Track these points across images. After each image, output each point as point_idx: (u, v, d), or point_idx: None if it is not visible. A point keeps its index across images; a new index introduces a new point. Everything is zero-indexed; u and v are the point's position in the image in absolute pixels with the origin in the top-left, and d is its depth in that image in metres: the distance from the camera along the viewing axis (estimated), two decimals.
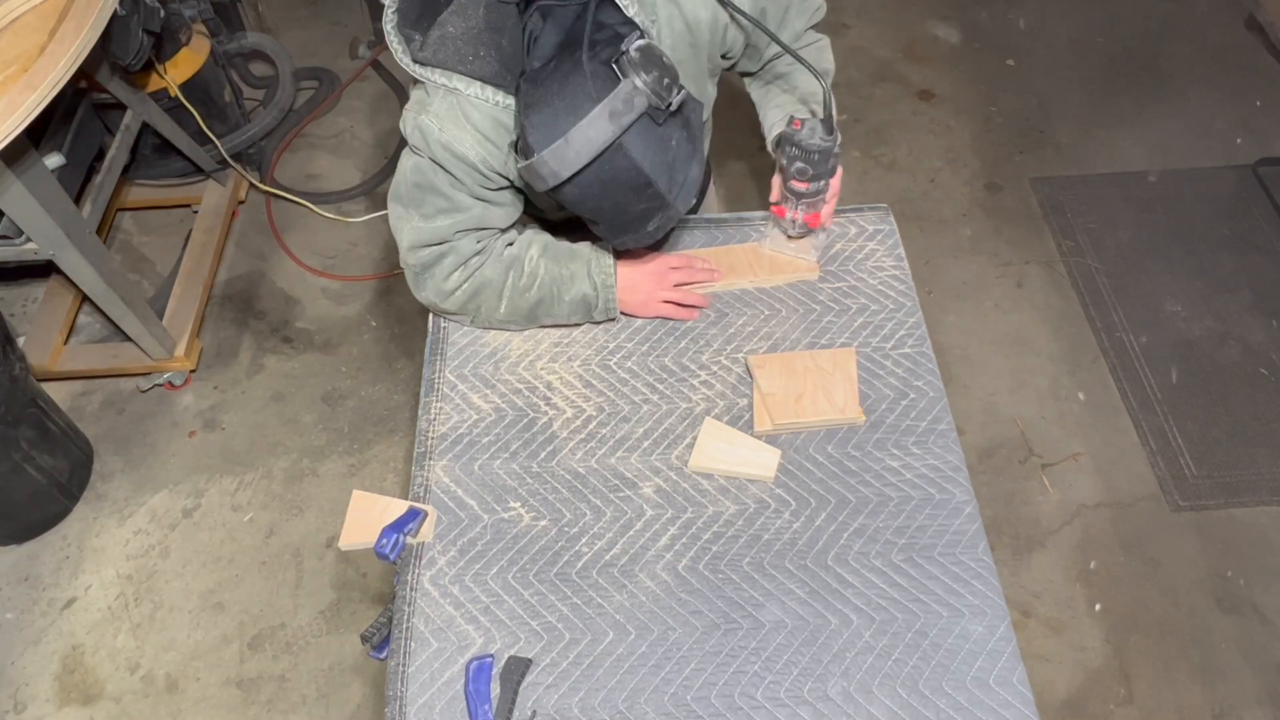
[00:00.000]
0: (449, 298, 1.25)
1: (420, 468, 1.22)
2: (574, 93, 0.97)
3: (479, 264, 1.23)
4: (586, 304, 1.28)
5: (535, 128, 0.98)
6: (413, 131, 1.12)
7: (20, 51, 1.66)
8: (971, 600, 1.09)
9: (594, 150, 0.96)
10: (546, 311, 1.28)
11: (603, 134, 0.96)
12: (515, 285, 1.25)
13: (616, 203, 1.04)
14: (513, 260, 1.25)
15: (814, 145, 1.18)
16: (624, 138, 0.97)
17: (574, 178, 0.99)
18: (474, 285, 1.24)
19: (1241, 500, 2.14)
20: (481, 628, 1.08)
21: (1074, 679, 1.92)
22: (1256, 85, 3.03)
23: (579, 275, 1.26)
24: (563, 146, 0.96)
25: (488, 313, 1.28)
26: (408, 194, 1.18)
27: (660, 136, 1.02)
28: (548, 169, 0.98)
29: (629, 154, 0.99)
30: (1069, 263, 2.60)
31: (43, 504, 2.13)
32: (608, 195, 1.03)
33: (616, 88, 0.96)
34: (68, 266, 1.97)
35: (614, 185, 1.01)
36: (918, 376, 1.28)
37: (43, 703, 1.93)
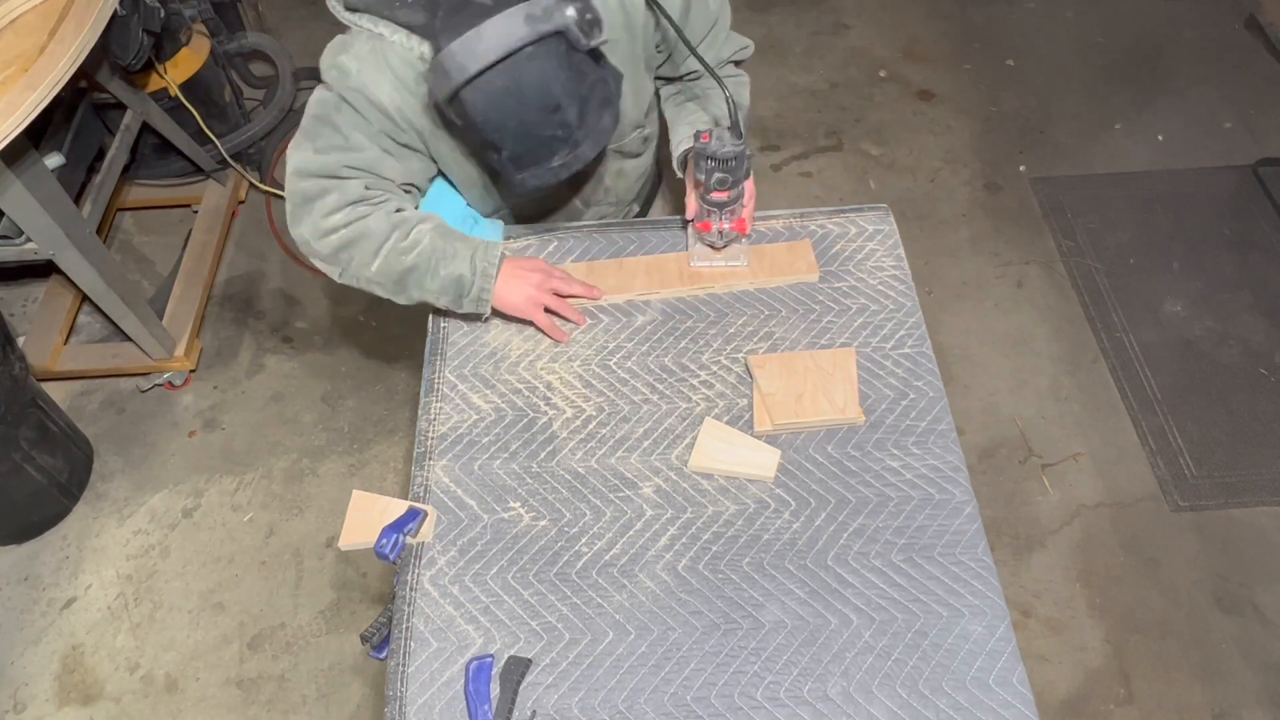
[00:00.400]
0: (325, 237, 1.22)
1: (420, 468, 1.22)
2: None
3: (365, 213, 1.22)
4: (460, 285, 1.25)
5: (449, 28, 0.96)
6: (330, 69, 1.13)
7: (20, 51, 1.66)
8: (971, 600, 1.09)
9: (505, 47, 0.94)
10: (417, 283, 1.25)
11: (516, 32, 0.94)
12: (395, 245, 1.23)
13: (521, 118, 1.01)
14: (400, 220, 1.24)
15: (727, 153, 1.18)
16: (538, 47, 0.96)
17: (481, 75, 0.96)
18: (354, 232, 1.22)
19: (1241, 500, 2.14)
20: (481, 628, 1.08)
21: (1074, 679, 1.92)
22: (1256, 85, 3.03)
23: (461, 255, 1.24)
24: (473, 38, 0.94)
25: (358, 268, 1.25)
26: (307, 124, 1.18)
27: (576, 64, 1.01)
28: (454, 62, 0.95)
29: (540, 66, 0.97)
30: (1069, 263, 2.60)
31: (43, 504, 2.13)
32: (512, 110, 1.00)
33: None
34: (68, 266, 1.97)
35: (520, 99, 0.99)
36: (918, 376, 1.28)
37: (42, 702, 1.93)
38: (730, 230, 1.30)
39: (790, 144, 2.93)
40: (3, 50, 1.67)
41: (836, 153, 2.90)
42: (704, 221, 1.30)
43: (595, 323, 1.35)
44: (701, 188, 1.24)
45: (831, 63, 3.16)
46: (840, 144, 2.92)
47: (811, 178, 2.83)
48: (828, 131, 2.96)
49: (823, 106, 3.03)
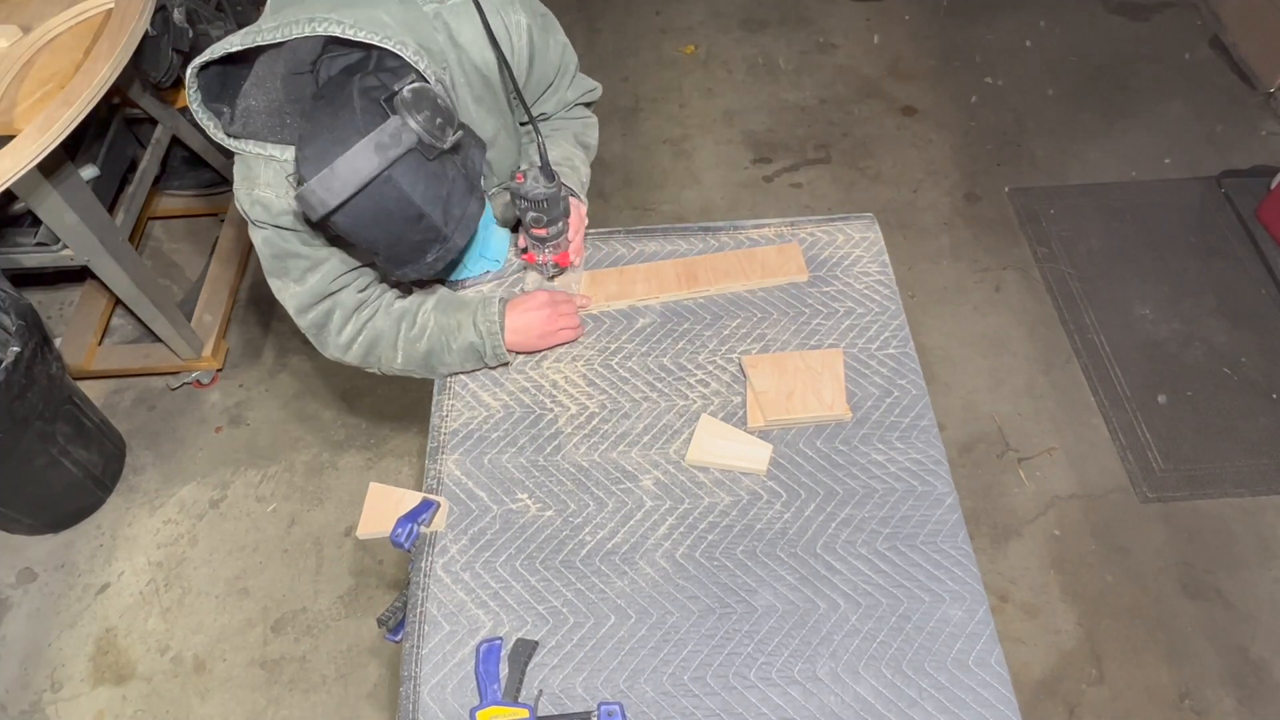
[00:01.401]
0: (348, 351, 1.25)
1: (433, 461, 1.22)
2: (343, 126, 0.94)
3: (369, 316, 1.23)
4: (476, 351, 1.26)
5: (306, 160, 0.95)
6: (253, 207, 1.10)
7: (57, 69, 1.66)
8: (952, 586, 1.09)
9: (360, 180, 0.93)
10: (439, 360, 1.27)
11: (369, 165, 0.93)
12: (406, 336, 1.25)
13: (390, 232, 1.00)
14: (403, 313, 1.25)
15: (538, 194, 1.18)
16: (392, 170, 0.94)
17: (343, 206, 0.95)
18: (368, 338, 1.24)
19: (1206, 492, 2.14)
20: (491, 612, 1.08)
21: (1048, 660, 1.91)
22: (1220, 101, 3.03)
23: (465, 325, 1.25)
24: (328, 175, 0.93)
25: (387, 363, 1.27)
26: (273, 266, 1.17)
27: (432, 171, 0.99)
28: (316, 197, 0.94)
29: (399, 186, 0.96)
30: (1044, 268, 2.60)
31: (78, 495, 2.13)
32: (380, 225, 0.99)
33: (384, 123, 0.94)
34: (102, 272, 1.97)
35: (385, 216, 0.98)
36: (901, 375, 1.28)
37: (78, 682, 1.93)
38: (553, 263, 1.30)
39: (781, 156, 2.93)
40: (41, 68, 1.67)
41: (825, 165, 2.90)
42: (529, 254, 1.30)
43: (598, 325, 1.35)
44: (523, 225, 1.24)
45: (820, 80, 3.16)
46: (829, 157, 2.92)
47: (801, 188, 2.83)
48: (817, 145, 2.95)
49: (812, 121, 3.03)
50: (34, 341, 1.83)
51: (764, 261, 1.39)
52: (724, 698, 1.01)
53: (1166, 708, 1.85)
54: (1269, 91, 3.00)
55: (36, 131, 1.55)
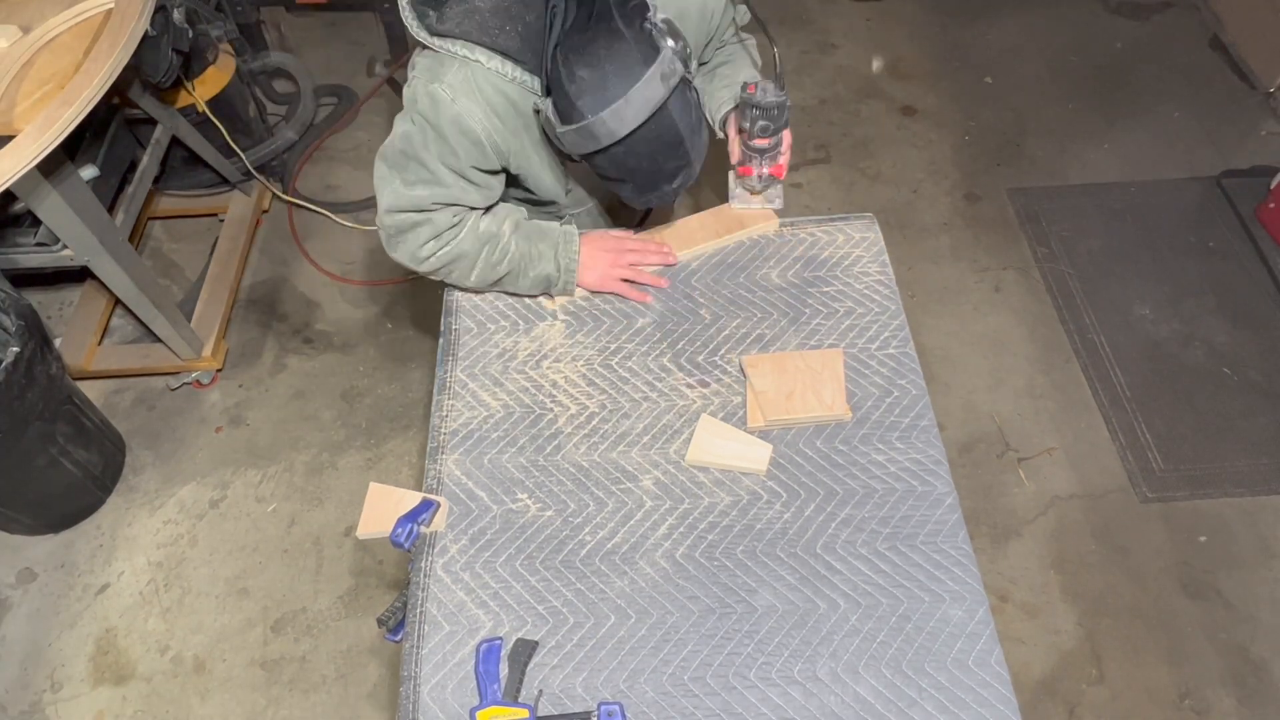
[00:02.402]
0: (423, 263, 1.25)
1: (433, 461, 1.21)
2: (624, 57, 0.97)
3: (454, 236, 1.23)
4: (548, 281, 1.30)
5: (586, 92, 0.97)
6: (423, 98, 1.09)
7: (57, 69, 1.66)
8: (952, 586, 1.09)
9: (649, 109, 0.97)
10: (511, 283, 1.30)
11: (656, 94, 0.97)
12: (488, 260, 1.26)
13: (654, 160, 1.05)
14: (489, 237, 1.25)
15: (770, 102, 1.21)
16: (669, 99, 0.99)
17: (627, 137, 0.99)
18: (449, 254, 1.24)
19: (1206, 492, 2.14)
20: (491, 612, 1.08)
21: (1048, 660, 1.91)
22: (1219, 101, 3.03)
23: (546, 256, 1.28)
24: (621, 107, 0.96)
25: (458, 279, 1.30)
26: (394, 157, 1.17)
27: (689, 99, 1.04)
28: (605, 129, 0.98)
29: (671, 114, 1.01)
30: (1043, 268, 2.60)
31: (78, 495, 2.13)
32: (649, 154, 1.04)
33: (660, 53, 0.97)
34: (101, 272, 1.97)
35: (657, 144, 1.03)
36: (901, 375, 1.28)
37: (78, 682, 1.93)
38: (768, 175, 1.34)
39: None
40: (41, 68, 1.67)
41: (825, 165, 2.90)
42: (746, 166, 1.33)
43: (598, 325, 1.35)
44: (745, 135, 1.27)
45: (820, 80, 3.16)
46: (829, 157, 2.92)
47: (802, 188, 2.83)
48: (817, 145, 2.95)
49: (812, 121, 3.03)
50: (34, 342, 1.83)
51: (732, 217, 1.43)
52: (724, 698, 1.01)
53: (1166, 708, 1.85)
54: (1269, 91, 3.00)
55: (36, 131, 1.55)
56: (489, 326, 1.35)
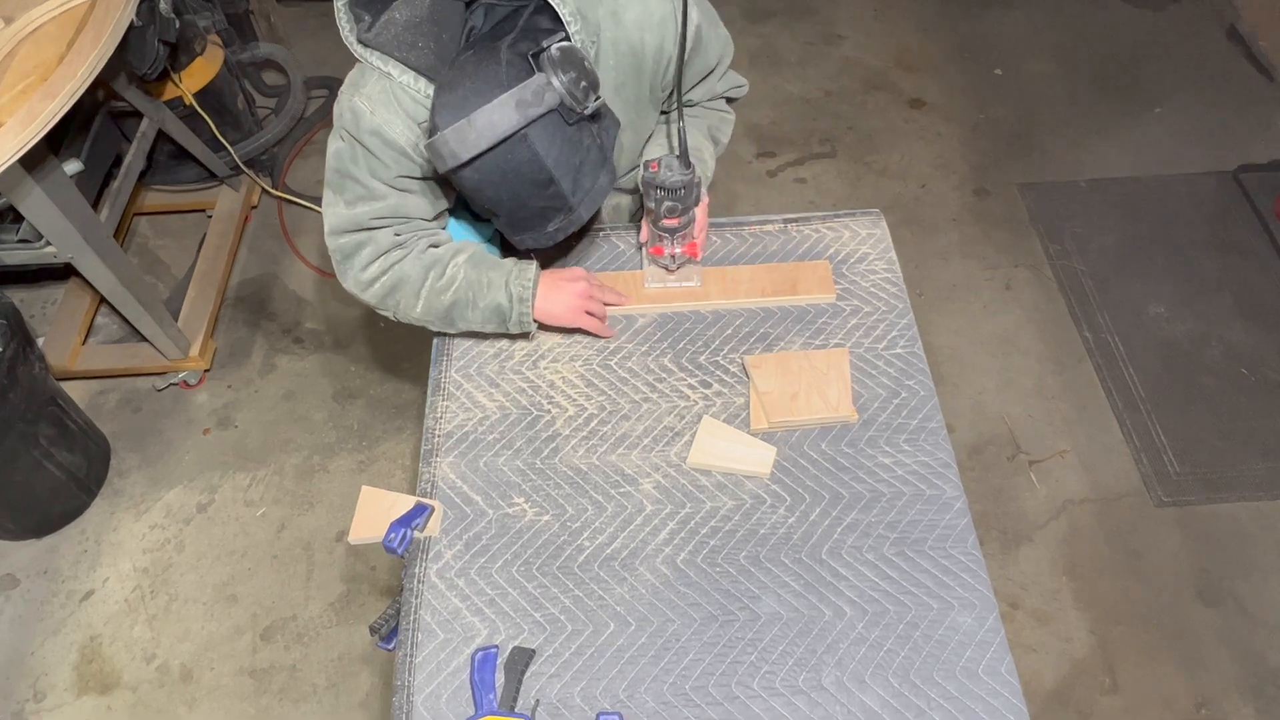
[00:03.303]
0: (368, 288, 1.24)
1: (427, 464, 1.21)
2: (485, 78, 0.95)
3: (399, 258, 1.22)
4: (500, 313, 1.24)
5: (443, 107, 0.96)
6: (344, 113, 1.10)
7: (40, 61, 1.66)
8: (961, 593, 1.08)
9: (496, 135, 0.94)
10: (461, 315, 1.25)
11: (507, 120, 0.93)
12: (433, 286, 1.23)
13: (516, 194, 1.01)
14: (434, 260, 1.23)
15: (675, 181, 1.17)
16: (529, 129, 0.95)
17: (474, 161, 0.96)
18: (392, 279, 1.22)
19: (1223, 496, 2.14)
20: (486, 619, 1.08)
21: (1060, 669, 1.91)
22: (1236, 93, 3.03)
23: (496, 284, 1.23)
24: (464, 127, 0.94)
25: (405, 309, 1.26)
26: (332, 178, 1.17)
27: (569, 137, 0.99)
28: (448, 148, 0.95)
29: (532, 147, 0.96)
30: (1055, 266, 2.60)
31: (62, 499, 2.13)
32: (507, 185, 1.00)
33: (529, 79, 0.94)
34: (86, 269, 1.97)
35: (514, 176, 0.99)
36: (909, 376, 1.28)
37: (61, 692, 1.93)
38: (682, 254, 1.30)
39: (786, 150, 2.93)
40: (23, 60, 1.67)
41: (830, 159, 2.90)
42: (657, 247, 1.30)
43: None
44: (653, 215, 1.23)
45: (826, 72, 3.16)
46: (834, 150, 2.92)
47: (806, 183, 2.83)
48: (822, 139, 2.95)
49: (817, 114, 3.03)
50: (16, 341, 1.83)
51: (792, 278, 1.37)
52: (726, 708, 1.01)
53: (1182, 717, 1.85)
54: None
55: (18, 125, 1.55)
56: None
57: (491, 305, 1.24)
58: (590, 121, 1.03)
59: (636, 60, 1.17)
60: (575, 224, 1.08)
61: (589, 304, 1.28)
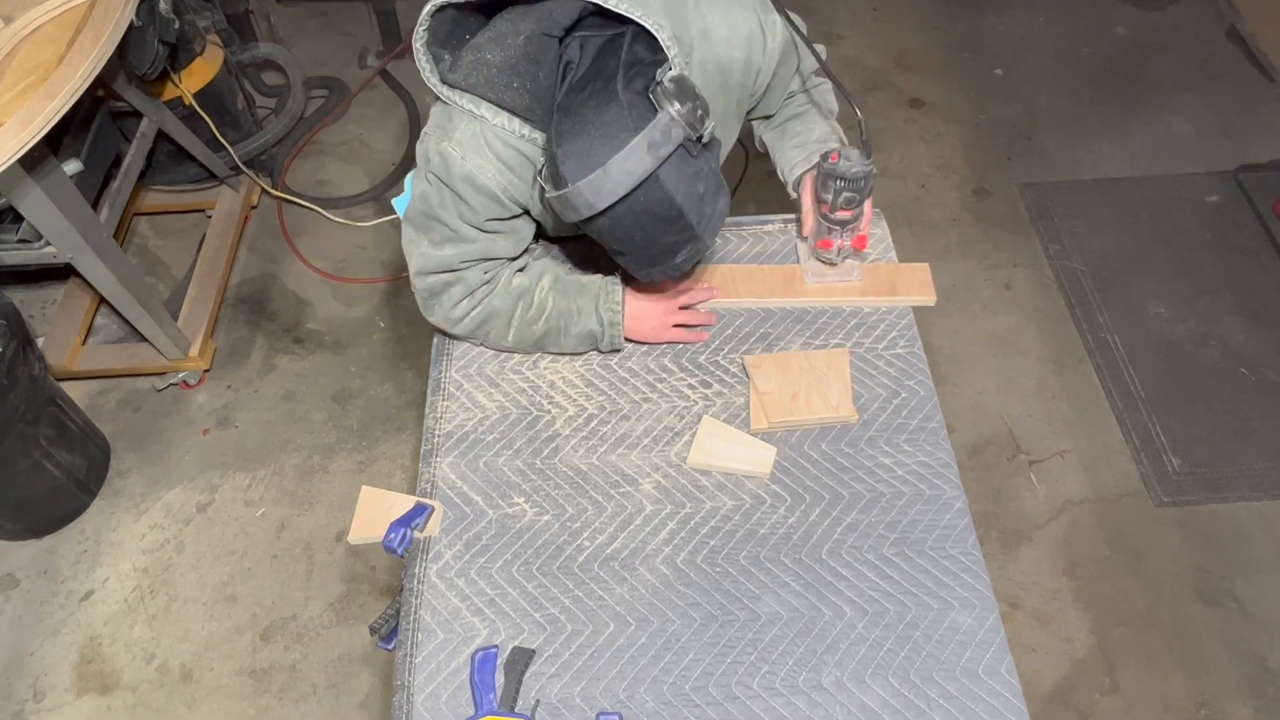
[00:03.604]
0: (457, 325, 1.24)
1: (427, 464, 1.22)
2: (610, 122, 0.93)
3: (487, 293, 1.22)
4: (592, 338, 1.26)
5: (570, 157, 0.93)
6: (434, 157, 1.08)
7: (39, 61, 1.66)
8: (961, 593, 1.09)
9: (632, 182, 0.92)
10: (553, 342, 1.27)
11: (641, 165, 0.92)
12: (523, 317, 1.24)
13: (647, 234, 1.00)
14: (522, 292, 1.23)
15: (857, 173, 1.17)
16: (660, 170, 0.93)
17: (609, 209, 0.95)
18: (482, 314, 1.23)
19: (1223, 496, 2.14)
20: (486, 619, 1.08)
21: (1060, 669, 1.91)
22: (1237, 93, 3.03)
23: (586, 310, 1.24)
24: (600, 177, 0.92)
25: (495, 339, 1.27)
26: (416, 219, 1.16)
27: (693, 168, 0.98)
28: (583, 200, 0.93)
29: (664, 186, 0.94)
30: (1055, 266, 2.60)
31: (61, 499, 2.13)
32: (639, 227, 0.98)
33: (654, 118, 0.92)
34: (85, 269, 1.97)
35: (647, 217, 0.97)
36: (909, 376, 1.28)
37: (61, 692, 1.93)
38: (849, 247, 1.29)
39: None
40: (23, 60, 1.67)
41: None
42: (826, 239, 1.27)
43: None
44: (827, 206, 1.22)
45: None
46: None
47: None
48: None
49: None
50: (15, 341, 1.83)
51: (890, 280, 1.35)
52: (726, 708, 1.01)
53: (1182, 718, 1.85)
54: None
55: (18, 125, 1.55)
56: None
57: (584, 332, 1.25)
58: (706, 147, 1.01)
59: (724, 77, 1.15)
60: (701, 252, 1.07)
61: (675, 316, 1.29)
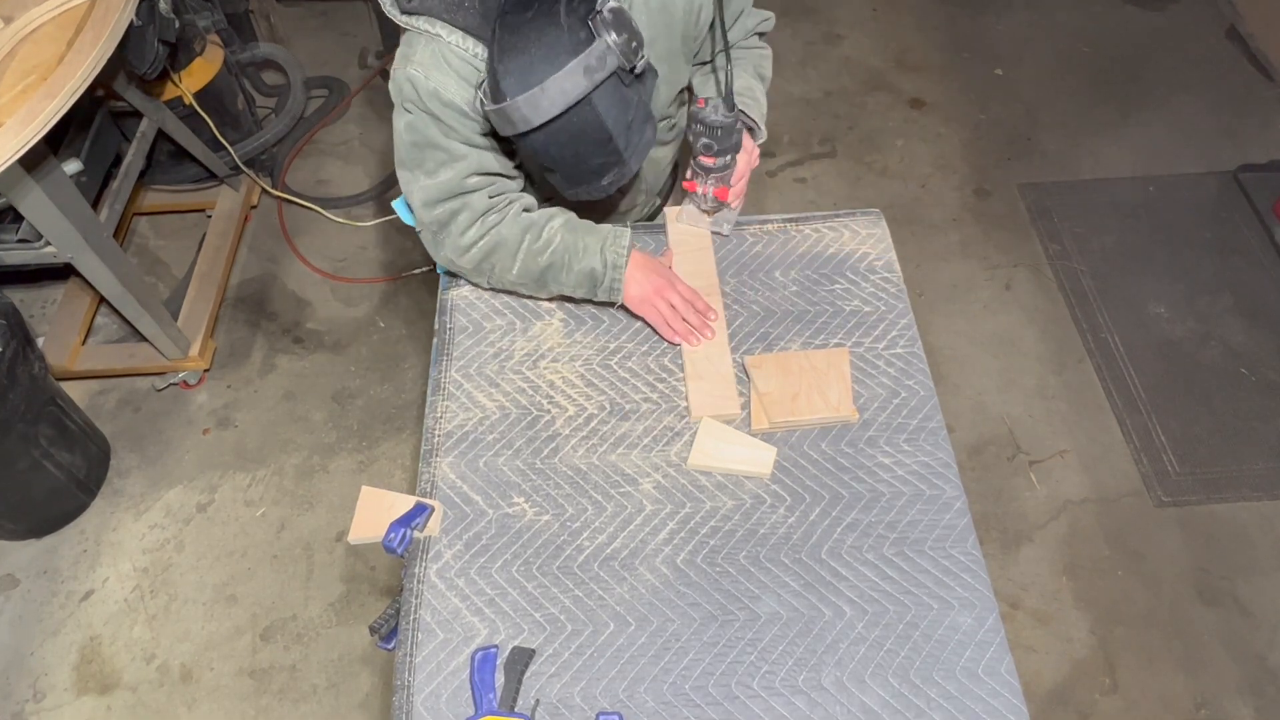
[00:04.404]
0: (465, 254, 1.26)
1: (427, 464, 1.21)
2: (551, 44, 0.97)
3: (495, 222, 1.24)
4: (594, 278, 1.28)
5: (510, 74, 0.98)
6: (404, 84, 1.12)
7: (39, 61, 1.66)
8: (961, 593, 1.09)
9: (567, 102, 0.97)
10: (554, 279, 1.29)
11: (576, 87, 0.97)
12: (530, 248, 1.26)
13: (577, 153, 1.05)
14: (530, 224, 1.26)
15: (716, 121, 1.21)
16: (594, 94, 0.99)
17: (543, 126, 0.99)
18: (490, 242, 1.25)
19: (1223, 496, 2.14)
20: (486, 619, 1.08)
21: (1060, 669, 1.91)
22: (1237, 93, 3.03)
23: (592, 249, 1.27)
24: (537, 95, 0.97)
25: (500, 273, 1.29)
26: (408, 155, 1.18)
27: (623, 96, 1.03)
28: (519, 114, 0.98)
29: (596, 109, 1.00)
30: (1055, 266, 2.60)
31: (61, 499, 2.13)
32: (570, 146, 1.04)
33: (592, 44, 0.97)
34: (85, 269, 1.97)
35: (578, 137, 1.03)
36: (909, 376, 1.28)
37: (61, 692, 1.93)
38: (714, 197, 1.33)
39: (786, 151, 2.93)
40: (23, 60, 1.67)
41: (830, 159, 2.90)
42: (691, 182, 1.33)
43: (597, 324, 1.35)
44: (694, 151, 1.27)
45: (825, 72, 3.16)
46: (834, 151, 2.92)
47: (806, 183, 2.83)
48: (822, 139, 2.96)
49: (817, 114, 3.03)
50: (15, 341, 1.83)
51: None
52: (726, 707, 1.01)
53: (1182, 718, 1.85)
54: None
55: (18, 125, 1.55)
56: (485, 325, 1.35)
57: (586, 270, 1.27)
58: (639, 79, 1.07)
59: (667, 15, 1.19)
60: (625, 176, 1.12)
61: (671, 294, 1.30)
